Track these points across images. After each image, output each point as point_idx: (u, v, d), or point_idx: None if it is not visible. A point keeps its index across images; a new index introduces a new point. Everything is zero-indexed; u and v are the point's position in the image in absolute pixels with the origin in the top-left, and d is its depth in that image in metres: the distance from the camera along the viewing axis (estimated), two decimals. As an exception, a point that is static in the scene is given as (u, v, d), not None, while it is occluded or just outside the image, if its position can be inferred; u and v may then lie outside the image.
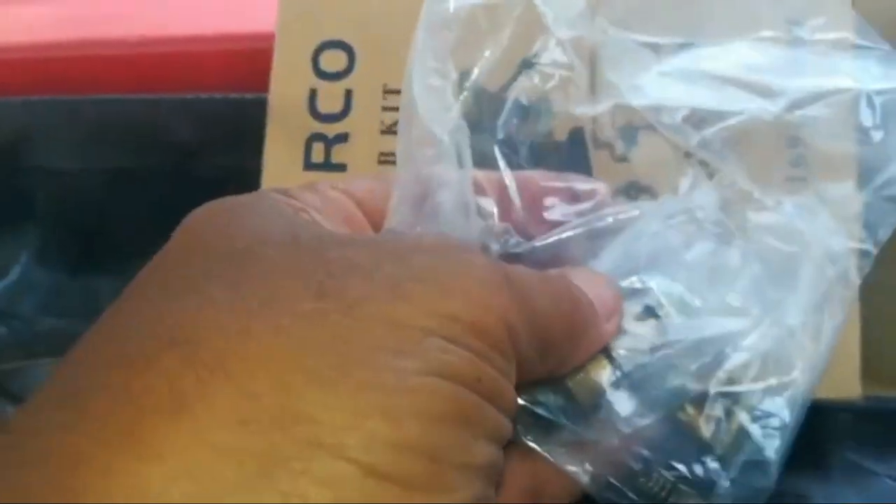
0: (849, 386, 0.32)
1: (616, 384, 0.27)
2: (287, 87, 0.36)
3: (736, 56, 0.31)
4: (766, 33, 0.31)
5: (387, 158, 0.34)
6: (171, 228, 0.39)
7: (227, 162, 0.38)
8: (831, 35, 0.31)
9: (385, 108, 0.35)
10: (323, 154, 0.35)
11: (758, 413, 0.28)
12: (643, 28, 0.32)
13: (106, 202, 0.40)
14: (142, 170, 0.40)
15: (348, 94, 0.35)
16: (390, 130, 0.35)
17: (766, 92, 0.30)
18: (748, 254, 0.29)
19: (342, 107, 0.35)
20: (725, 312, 0.28)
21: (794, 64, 0.31)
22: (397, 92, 0.35)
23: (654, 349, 0.28)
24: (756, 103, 0.30)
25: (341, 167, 0.35)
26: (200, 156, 0.39)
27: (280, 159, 0.35)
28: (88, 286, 0.41)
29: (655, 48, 0.31)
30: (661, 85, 0.31)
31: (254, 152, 0.36)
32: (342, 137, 0.35)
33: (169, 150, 0.39)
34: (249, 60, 0.37)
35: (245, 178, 0.36)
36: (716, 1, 0.32)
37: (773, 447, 0.27)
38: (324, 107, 0.35)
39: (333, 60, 0.36)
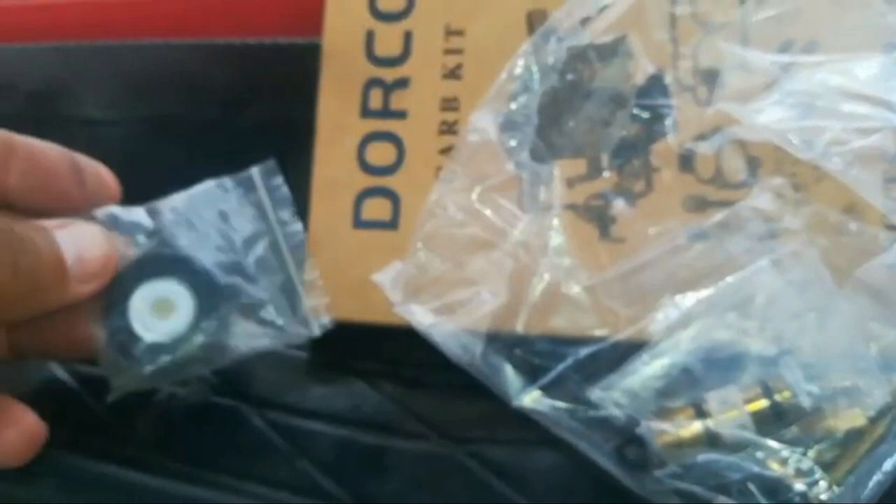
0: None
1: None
2: (342, 30, 0.35)
3: (863, 72, 0.30)
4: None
5: (449, 105, 0.34)
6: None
7: (276, 112, 0.38)
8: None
9: (447, 51, 0.34)
10: (381, 101, 0.34)
11: None
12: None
13: (145, 154, 0.39)
14: (184, 120, 0.39)
15: (408, 35, 0.34)
16: (453, 74, 0.34)
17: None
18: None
19: (401, 50, 0.34)
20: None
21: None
22: (460, 33, 0.34)
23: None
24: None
25: (401, 114, 0.34)
26: (248, 105, 0.38)
27: (335, 107, 0.35)
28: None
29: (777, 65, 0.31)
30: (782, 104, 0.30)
31: (305, 102, 0.35)
32: (402, 83, 0.34)
33: (213, 100, 0.39)
34: (301, 1, 0.36)
35: (295, 129, 0.35)
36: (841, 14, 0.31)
37: None
38: (382, 50, 0.35)
39: None
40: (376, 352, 0.35)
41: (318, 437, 0.34)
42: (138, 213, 0.33)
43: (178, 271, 0.32)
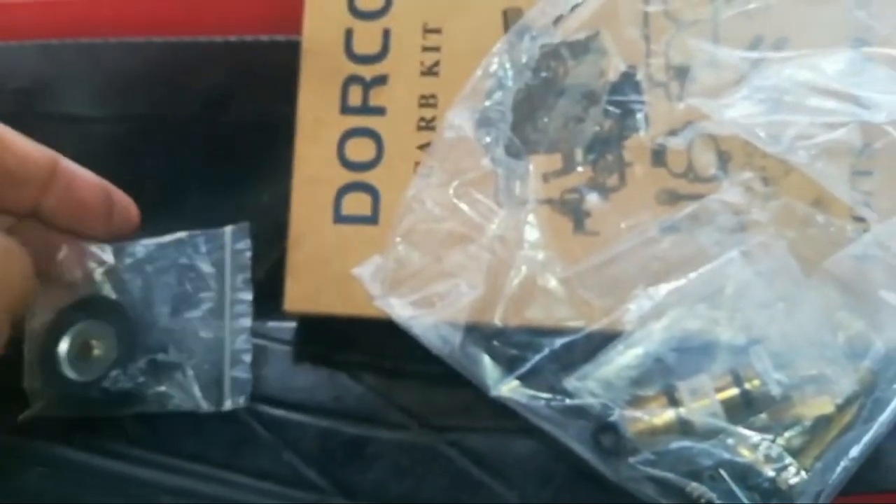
0: None
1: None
2: (321, 28, 0.35)
3: (830, 67, 0.31)
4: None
5: (427, 101, 0.34)
6: (197, 179, 0.40)
7: (257, 109, 0.38)
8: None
9: (425, 48, 0.35)
10: (360, 97, 0.35)
11: None
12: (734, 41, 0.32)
13: (128, 151, 0.39)
14: (167, 118, 0.39)
15: (386, 33, 0.35)
16: (431, 71, 0.34)
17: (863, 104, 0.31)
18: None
19: (380, 47, 0.35)
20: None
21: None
22: (438, 31, 0.35)
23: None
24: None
25: (380, 111, 0.35)
26: (229, 103, 0.39)
27: (315, 104, 0.35)
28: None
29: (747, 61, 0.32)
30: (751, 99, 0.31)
31: (286, 98, 0.36)
32: (381, 79, 0.35)
33: (195, 97, 0.39)
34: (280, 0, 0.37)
35: (277, 125, 0.36)
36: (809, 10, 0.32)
37: None
38: (360, 47, 0.35)
39: (370, -2, 0.35)
40: (357, 344, 0.35)
41: (302, 429, 0.34)
42: (105, 251, 0.35)
43: (111, 318, 0.34)
